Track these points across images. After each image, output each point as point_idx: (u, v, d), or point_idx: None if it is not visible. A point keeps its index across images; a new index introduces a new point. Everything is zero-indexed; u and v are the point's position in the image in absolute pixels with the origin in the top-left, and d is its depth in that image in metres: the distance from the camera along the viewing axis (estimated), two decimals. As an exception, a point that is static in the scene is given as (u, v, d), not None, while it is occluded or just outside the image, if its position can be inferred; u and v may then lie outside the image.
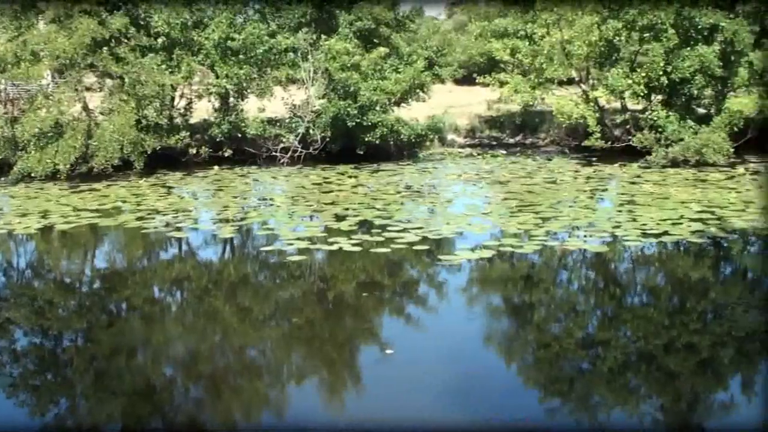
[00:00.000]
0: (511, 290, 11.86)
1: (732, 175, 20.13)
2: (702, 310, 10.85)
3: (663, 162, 21.69)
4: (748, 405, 7.73)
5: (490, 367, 8.77)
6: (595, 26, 23.18)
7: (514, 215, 15.52)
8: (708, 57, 21.65)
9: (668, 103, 22.97)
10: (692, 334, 9.61)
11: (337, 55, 23.01)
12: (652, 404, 8.02)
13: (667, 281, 12.36)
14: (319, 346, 9.72)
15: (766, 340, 9.32)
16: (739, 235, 14.09)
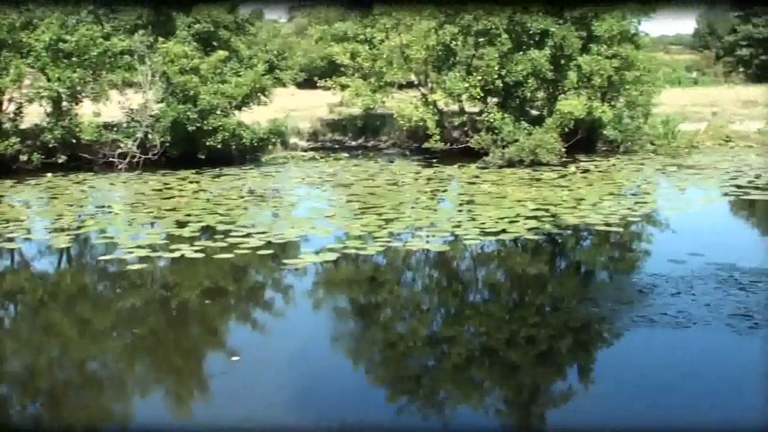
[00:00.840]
0: (356, 291, 11.94)
1: (564, 174, 21.01)
2: (540, 303, 11.25)
3: (500, 162, 22.40)
4: (584, 393, 8.07)
5: (338, 369, 8.79)
6: (432, 31, 23.72)
7: (357, 217, 15.64)
8: (539, 61, 22.53)
9: (503, 106, 23.74)
10: (532, 327, 9.94)
11: (176, 59, 22.55)
12: (497, 396, 8.27)
13: (507, 277, 12.77)
14: (164, 356, 9.49)
15: (600, 331, 9.78)
16: (571, 231, 14.72)
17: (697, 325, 9.29)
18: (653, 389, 7.87)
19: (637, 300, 10.41)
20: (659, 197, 18.27)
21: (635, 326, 9.40)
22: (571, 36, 22.83)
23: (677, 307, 9.88)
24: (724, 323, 9.31)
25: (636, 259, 13.57)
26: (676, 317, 9.54)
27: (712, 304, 9.96)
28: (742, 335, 8.98)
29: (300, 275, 12.14)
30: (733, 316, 9.51)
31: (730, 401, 7.60)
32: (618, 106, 24.22)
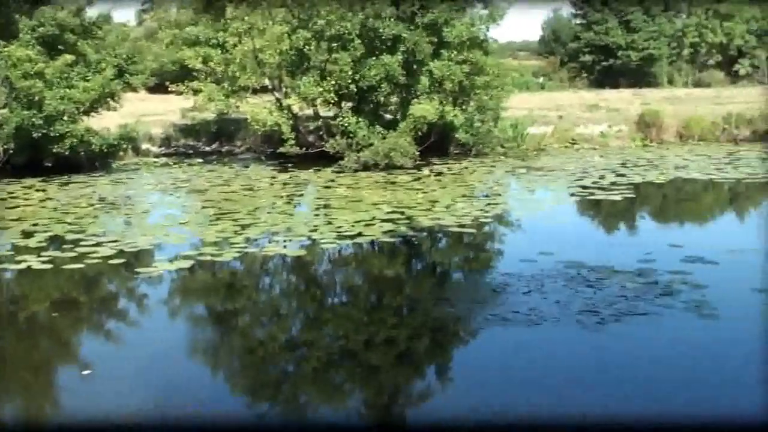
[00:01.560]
0: (213, 299, 11.78)
1: (418, 177, 21.37)
2: (398, 305, 11.40)
3: (355, 166, 22.56)
4: (442, 391, 8.23)
5: (196, 378, 8.63)
6: (285, 36, 23.63)
7: (212, 223, 15.44)
8: (392, 66, 22.81)
9: (358, 110, 23.91)
10: (390, 328, 10.07)
11: (19, 63, 21.60)
12: (357, 398, 8.33)
13: (365, 280, 12.87)
14: (12, 371, 9.08)
15: (456, 330, 10.00)
16: (427, 233, 14.98)
17: (548, 321, 9.63)
18: (509, 384, 8.13)
19: (491, 299, 10.70)
20: (510, 198, 18.83)
21: (489, 324, 9.67)
22: (422, 42, 23.21)
23: (529, 305, 10.21)
24: (573, 319, 9.69)
25: (489, 259, 13.93)
26: (528, 315, 9.86)
27: (561, 301, 10.34)
28: (590, 330, 9.37)
29: (154, 284, 11.87)
30: (581, 313, 9.90)
31: (580, 394, 7.90)
32: (469, 110, 24.79)
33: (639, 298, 10.45)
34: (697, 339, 9.33)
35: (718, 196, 19.74)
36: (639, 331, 9.40)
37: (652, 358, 8.75)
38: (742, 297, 10.76)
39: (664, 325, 9.55)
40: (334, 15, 22.85)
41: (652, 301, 10.29)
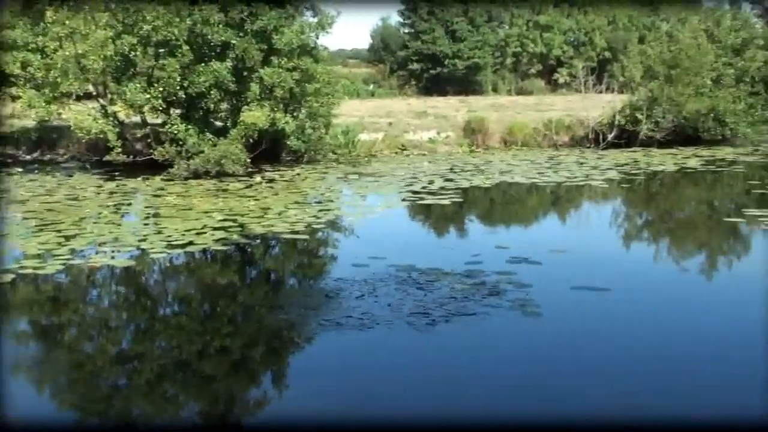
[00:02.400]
0: (37, 313, 11.28)
1: (250, 184, 21.24)
2: (232, 313, 11.28)
3: (185, 174, 22.18)
4: (279, 398, 8.22)
5: (20, 397, 8.26)
6: (109, 41, 22.95)
7: (35, 235, 14.81)
8: (222, 73, 22.58)
9: (187, 117, 23.51)
10: (225, 337, 9.96)
11: None
12: (192, 409, 8.20)
13: (197, 289, 12.66)
14: None
15: (291, 336, 10.00)
16: (260, 240, 14.92)
17: (381, 325, 9.79)
18: (343, 389, 8.21)
19: (324, 305, 10.77)
20: (342, 204, 19.00)
21: (323, 330, 9.73)
22: (252, 48, 23.08)
23: (362, 309, 10.35)
24: (405, 322, 9.90)
25: (322, 265, 14.00)
26: (361, 319, 9.99)
27: (393, 305, 10.54)
28: (421, 332, 9.60)
29: (-28, 300, 11.27)
30: (412, 315, 10.13)
31: (413, 394, 8.08)
32: (300, 117, 24.84)
33: (468, 298, 10.79)
34: (522, 336, 9.74)
35: (540, 199, 20.63)
36: (468, 330, 9.70)
37: (482, 356, 9.07)
38: (562, 295, 11.31)
39: (491, 323, 9.90)
40: (161, 20, 22.38)
41: (480, 301, 10.65)
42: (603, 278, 12.04)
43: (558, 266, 13.06)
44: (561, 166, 24.40)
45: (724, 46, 30.99)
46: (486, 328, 9.78)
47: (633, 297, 11.42)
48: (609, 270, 12.94)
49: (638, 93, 29.83)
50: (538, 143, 29.71)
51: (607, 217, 18.41)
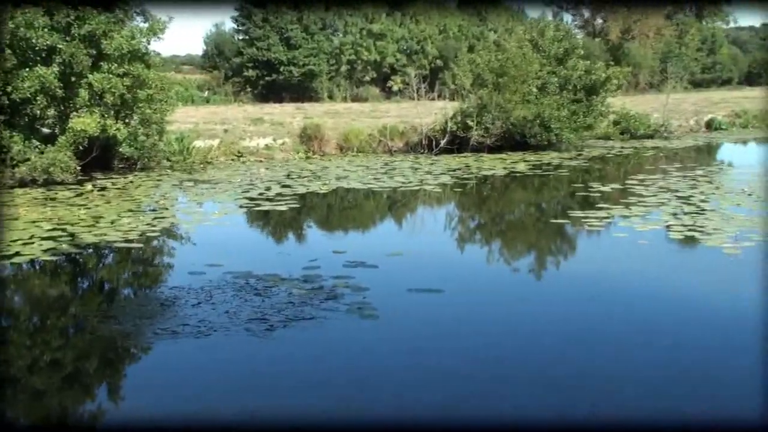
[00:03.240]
0: None
1: (81, 192, 20.56)
2: (63, 325, 10.93)
3: (11, 183, 21.25)
4: (115, 408, 8.04)
5: None
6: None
7: None
8: (48, 78, 21.74)
9: (12, 124, 22.48)
10: (56, 350, 9.64)
11: None
12: (21, 426, 7.89)
13: (25, 302, 12.19)
14: None
15: (125, 347, 9.78)
16: (92, 250, 14.49)
17: (218, 332, 9.74)
18: (181, 397, 8.12)
19: (160, 313, 10.60)
20: (178, 212, 18.68)
21: (159, 339, 9.58)
22: (80, 53, 22.37)
23: (198, 317, 10.26)
24: (242, 328, 9.88)
25: (157, 273, 13.74)
26: (198, 327, 9.90)
27: (230, 311, 10.50)
28: (260, 337, 9.61)
29: None
30: (250, 321, 10.12)
31: (254, 401, 8.09)
32: (133, 124, 24.24)
33: (306, 303, 10.88)
34: (360, 339, 9.91)
35: (377, 204, 20.96)
36: (306, 334, 9.77)
37: (320, 359, 9.16)
38: (398, 297, 11.58)
39: (329, 327, 10.02)
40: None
41: (318, 306, 10.76)
42: (438, 280, 12.39)
43: (394, 269, 13.34)
44: (396, 172, 24.88)
45: (548, 55, 32.38)
46: (324, 332, 9.89)
47: (466, 297, 11.81)
48: (443, 271, 13.32)
49: (468, 100, 30.76)
50: (373, 149, 30.15)
51: (441, 221, 18.94)
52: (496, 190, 22.81)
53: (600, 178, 24.29)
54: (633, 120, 36.19)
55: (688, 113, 42.84)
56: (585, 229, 16.44)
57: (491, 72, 30.33)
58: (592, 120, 32.60)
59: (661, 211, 17.95)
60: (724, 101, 51.79)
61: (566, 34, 34.63)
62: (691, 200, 19.22)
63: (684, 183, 22.20)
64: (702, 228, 15.82)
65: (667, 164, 27.32)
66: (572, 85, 31.96)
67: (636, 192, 20.68)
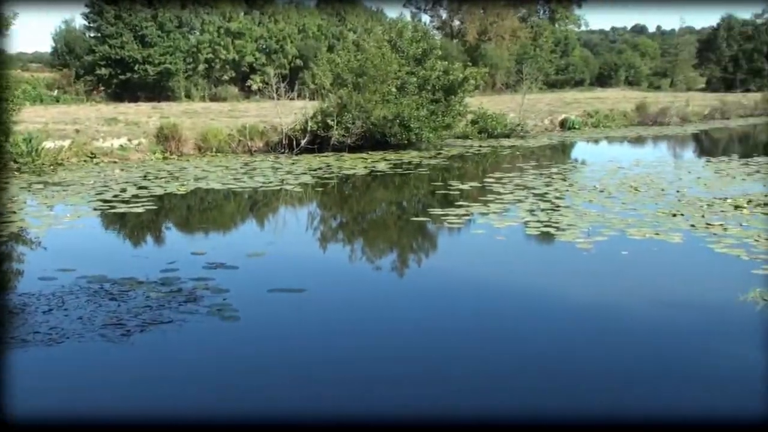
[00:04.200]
0: None
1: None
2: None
3: None
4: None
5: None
6: None
7: None
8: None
9: None
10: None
11: None
12: None
13: None
14: None
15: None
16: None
17: (71, 339, 9.31)
18: (38, 406, 7.70)
19: (8, 321, 10.04)
20: (27, 215, 17.82)
21: (8, 348, 9.07)
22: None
23: (50, 324, 9.79)
24: (97, 334, 9.48)
25: (5, 280, 13.02)
26: (49, 334, 9.45)
27: (84, 317, 10.07)
28: (116, 343, 9.24)
29: None
30: (105, 326, 9.73)
31: (110, 408, 7.76)
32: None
33: (164, 306, 10.55)
34: (220, 341, 9.67)
35: (237, 205, 20.61)
36: (165, 337, 9.47)
37: (179, 362, 8.90)
38: (259, 298, 11.40)
39: (188, 330, 9.74)
40: None
41: (176, 309, 10.45)
42: (299, 280, 12.27)
43: (255, 270, 13.13)
44: (256, 172, 24.56)
45: (406, 56, 32.68)
46: (184, 335, 9.62)
47: (329, 296, 11.75)
48: (306, 271, 13.21)
49: (328, 100, 30.71)
50: (232, 149, 29.67)
51: (303, 221, 18.78)
52: (357, 189, 22.83)
53: (459, 176, 24.69)
54: (490, 119, 37.00)
55: (543, 113, 44.19)
56: (445, 227, 16.65)
57: (351, 72, 30.39)
58: (450, 119, 33.10)
59: (518, 207, 18.38)
60: (577, 101, 53.76)
61: (424, 35, 35.06)
62: (546, 197, 19.78)
63: (540, 180, 22.83)
64: (557, 224, 16.28)
65: (524, 162, 28.06)
66: (431, 85, 32.35)
67: (494, 190, 21.13)
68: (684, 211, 17.58)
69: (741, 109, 54.70)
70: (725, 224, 16.12)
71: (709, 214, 17.24)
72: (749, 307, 10.68)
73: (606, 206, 18.34)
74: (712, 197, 19.53)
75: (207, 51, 63.30)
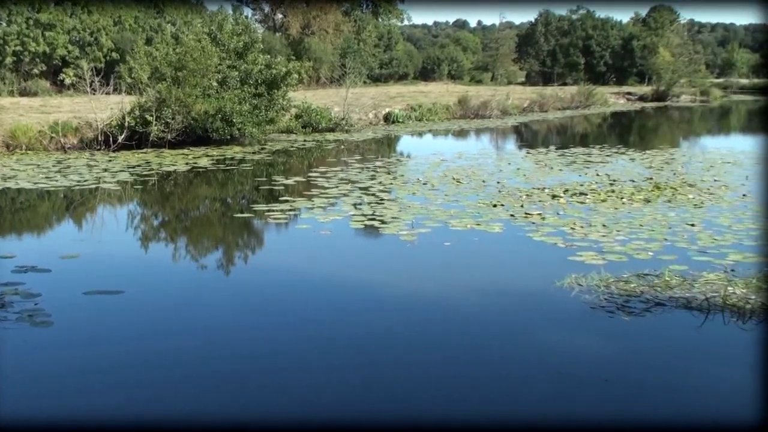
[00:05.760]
0: None
1: None
2: None
3: None
4: None
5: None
6: None
7: None
8: None
9: None
10: None
11: None
12: None
13: None
14: None
15: None
16: None
17: None
18: None
19: None
20: None
21: None
22: None
23: None
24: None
25: None
26: None
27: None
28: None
29: None
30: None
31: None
32: None
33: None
34: (32, 348, 9.11)
35: (51, 205, 19.56)
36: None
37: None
38: (74, 301, 10.84)
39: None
40: None
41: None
42: (118, 281, 11.76)
43: (70, 272, 12.50)
44: (71, 170, 23.41)
45: (227, 49, 32.08)
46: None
47: (150, 297, 11.37)
48: (124, 272, 12.70)
49: (146, 94, 29.68)
50: (44, 147, 28.17)
51: (122, 220, 17.99)
52: (179, 186, 22.16)
53: (284, 171, 24.47)
54: (315, 114, 36.90)
55: (367, 107, 44.50)
56: (270, 223, 16.42)
57: (169, 66, 29.51)
58: (274, 114, 32.77)
59: (343, 202, 18.37)
60: (401, 95, 54.54)
61: (246, 29, 34.52)
62: (371, 190, 19.87)
63: (364, 174, 22.94)
64: (381, 217, 16.38)
65: (349, 156, 28.14)
66: (253, 79, 31.90)
67: (319, 184, 21.05)
68: (504, 202, 18.09)
69: (558, 102, 57.05)
70: (543, 213, 16.69)
71: (528, 204, 17.81)
72: (565, 292, 11.07)
73: (429, 198, 18.62)
74: (531, 187, 20.22)
75: (15, 43, 60.01)
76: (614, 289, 11.09)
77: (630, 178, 22.38)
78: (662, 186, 20.62)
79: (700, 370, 8.68)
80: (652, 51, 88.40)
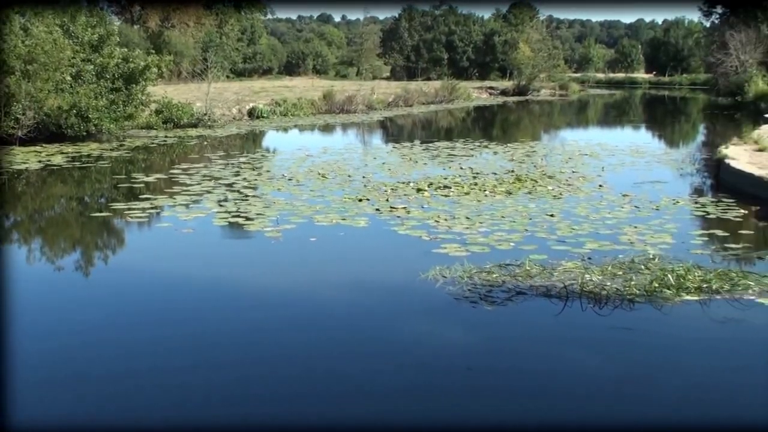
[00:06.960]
0: None
1: None
2: None
3: None
4: None
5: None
6: None
7: None
8: None
9: None
10: None
11: None
12: None
13: None
14: None
15: None
16: None
17: None
18: None
19: None
20: None
21: None
22: None
23: None
24: None
25: None
26: None
27: None
28: None
29: None
30: None
31: None
32: None
33: None
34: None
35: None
36: None
37: None
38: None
39: None
40: None
41: None
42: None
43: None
44: None
45: (81, 42, 30.96)
46: None
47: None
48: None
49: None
50: None
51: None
52: (31, 185, 21.19)
53: (144, 168, 23.77)
54: (176, 109, 36.08)
55: (230, 102, 43.86)
56: (130, 221, 15.91)
57: (18, 59, 28.17)
58: (132, 109, 31.87)
59: (206, 198, 18.00)
60: (265, 90, 54.03)
61: (101, 20, 33.41)
62: (234, 187, 19.55)
63: (228, 170, 22.57)
64: (246, 213, 16.13)
65: (212, 153, 27.64)
66: (110, 73, 30.94)
67: (180, 181, 20.57)
68: (370, 196, 18.11)
69: (423, 97, 57.73)
70: (408, 207, 16.78)
71: (393, 198, 17.88)
72: (430, 284, 11.13)
73: (294, 194, 18.46)
74: (396, 182, 20.33)
75: None
76: (477, 279, 11.23)
77: (492, 171, 22.82)
78: (523, 178, 21.10)
79: (558, 356, 8.86)
80: (512, 46, 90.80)
